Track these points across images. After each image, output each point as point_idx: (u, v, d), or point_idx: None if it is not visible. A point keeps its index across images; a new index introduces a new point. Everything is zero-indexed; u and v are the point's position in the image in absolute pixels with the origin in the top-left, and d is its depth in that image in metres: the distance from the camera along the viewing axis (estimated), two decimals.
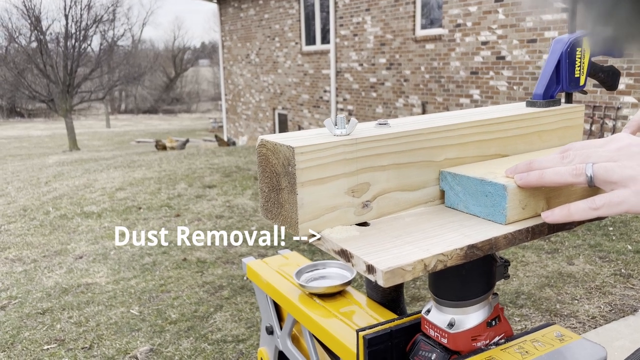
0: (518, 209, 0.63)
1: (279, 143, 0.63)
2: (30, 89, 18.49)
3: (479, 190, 0.66)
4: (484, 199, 0.65)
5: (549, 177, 0.60)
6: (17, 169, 8.45)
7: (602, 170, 0.56)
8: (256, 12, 12.61)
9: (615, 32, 0.30)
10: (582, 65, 0.85)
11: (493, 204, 0.64)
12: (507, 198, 0.62)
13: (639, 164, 0.54)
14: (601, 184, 0.56)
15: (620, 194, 0.54)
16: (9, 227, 4.65)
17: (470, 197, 0.67)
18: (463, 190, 0.68)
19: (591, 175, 0.56)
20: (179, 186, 5.87)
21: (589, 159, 0.58)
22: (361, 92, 9.40)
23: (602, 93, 5.61)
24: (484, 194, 0.65)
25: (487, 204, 0.65)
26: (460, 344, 0.72)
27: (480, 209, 0.66)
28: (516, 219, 0.63)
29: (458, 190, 0.69)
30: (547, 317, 2.69)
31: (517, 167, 0.64)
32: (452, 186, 0.70)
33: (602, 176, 0.56)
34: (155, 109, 39.44)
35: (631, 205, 0.54)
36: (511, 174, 0.64)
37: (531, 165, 0.62)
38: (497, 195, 0.63)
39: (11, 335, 2.71)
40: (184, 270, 3.48)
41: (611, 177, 0.55)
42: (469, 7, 6.96)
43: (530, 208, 0.65)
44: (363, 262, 0.56)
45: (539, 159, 0.63)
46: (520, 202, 0.63)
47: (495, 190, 0.63)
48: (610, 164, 0.56)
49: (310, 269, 1.23)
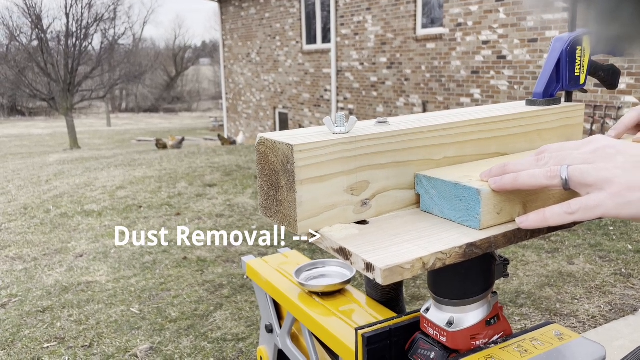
0: (493, 214, 0.61)
1: (278, 141, 0.63)
2: (31, 87, 18.50)
3: (454, 194, 0.64)
4: (459, 204, 0.63)
5: (523, 180, 0.58)
6: (17, 168, 8.45)
7: (577, 173, 0.54)
8: (257, 11, 12.60)
9: (616, 31, 0.30)
10: (582, 64, 0.85)
11: (467, 209, 0.62)
12: (481, 203, 0.60)
13: (615, 166, 0.53)
14: (577, 186, 0.55)
15: (596, 197, 0.53)
16: (10, 226, 4.65)
17: (445, 201, 0.65)
18: (438, 194, 0.66)
19: (566, 177, 0.55)
20: (180, 185, 5.87)
21: (564, 162, 0.56)
22: (362, 91, 9.40)
23: (602, 92, 5.60)
24: (458, 198, 0.63)
25: (462, 209, 0.63)
26: (459, 343, 0.72)
27: (455, 213, 0.64)
28: (491, 224, 0.62)
29: (433, 194, 0.67)
30: (547, 316, 2.68)
31: (491, 170, 0.62)
32: (428, 190, 0.68)
33: (577, 179, 0.54)
34: (156, 107, 39.44)
35: (607, 209, 0.52)
36: (485, 177, 0.62)
37: (505, 168, 0.61)
38: (471, 200, 0.61)
39: (11, 334, 2.71)
40: (184, 268, 3.48)
41: (586, 179, 0.53)
42: (469, 7, 6.95)
43: (506, 213, 0.63)
44: (362, 260, 0.56)
45: (513, 161, 0.61)
46: (495, 206, 0.61)
47: (469, 195, 0.61)
48: (586, 166, 0.54)
49: (309, 267, 1.23)
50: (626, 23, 0.29)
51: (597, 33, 0.32)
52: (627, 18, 0.29)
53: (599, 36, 0.32)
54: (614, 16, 0.29)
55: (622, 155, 0.53)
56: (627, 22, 0.29)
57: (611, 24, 0.29)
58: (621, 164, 0.52)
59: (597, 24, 0.30)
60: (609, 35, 0.31)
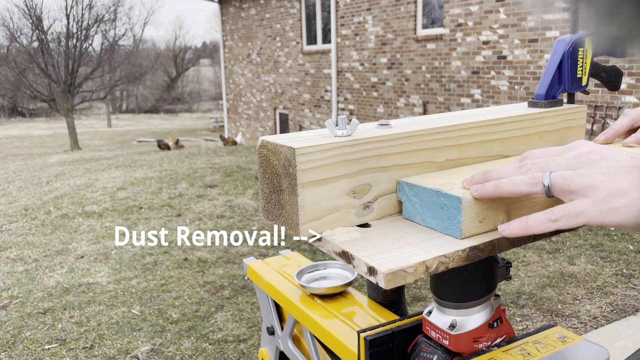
0: (475, 223, 0.60)
1: (280, 144, 0.62)
2: (32, 88, 18.50)
3: (435, 202, 0.62)
4: (440, 212, 0.61)
5: (505, 187, 0.56)
6: (18, 169, 8.45)
7: (560, 179, 0.53)
8: (257, 12, 12.61)
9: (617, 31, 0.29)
10: (585, 66, 0.85)
11: (449, 217, 0.60)
12: (463, 211, 0.58)
13: (599, 171, 0.51)
14: (559, 193, 0.53)
15: (579, 204, 0.51)
16: (10, 227, 4.65)
17: (427, 209, 0.63)
18: (420, 201, 0.64)
19: (548, 184, 0.53)
20: (180, 186, 5.87)
21: (547, 168, 0.55)
22: (362, 92, 9.40)
23: (603, 93, 5.60)
24: (439, 206, 0.61)
25: (443, 217, 0.61)
26: (461, 346, 0.72)
27: (437, 222, 0.62)
28: (473, 232, 0.60)
29: (415, 202, 0.65)
30: (549, 317, 2.68)
31: (473, 177, 0.61)
32: (409, 197, 0.66)
33: (560, 185, 0.53)
34: (157, 108, 39.45)
35: (591, 217, 0.51)
36: (467, 185, 0.61)
37: (487, 175, 0.59)
38: (452, 208, 0.59)
39: (12, 335, 2.71)
40: (185, 270, 3.48)
41: (569, 186, 0.52)
42: (470, 7, 6.95)
43: (489, 221, 0.61)
44: (364, 263, 0.56)
45: (495, 168, 0.60)
46: (477, 215, 0.60)
47: (450, 203, 0.60)
48: (569, 172, 0.53)
49: (311, 269, 1.23)
50: (626, 23, 0.29)
51: (597, 33, 0.31)
52: (627, 18, 0.28)
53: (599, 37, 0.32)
54: (614, 16, 0.29)
55: (606, 161, 0.52)
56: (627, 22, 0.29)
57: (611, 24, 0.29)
58: (605, 169, 0.51)
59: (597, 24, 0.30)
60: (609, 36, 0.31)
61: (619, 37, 0.30)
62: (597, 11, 0.30)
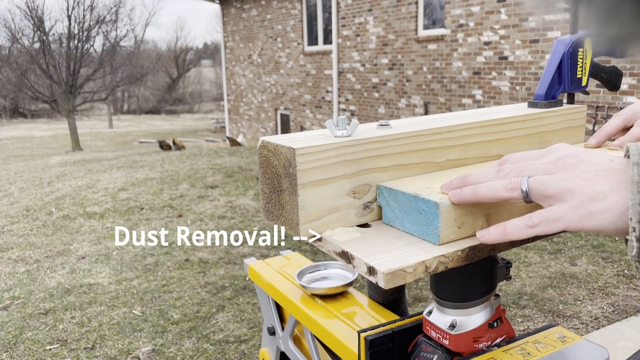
0: (453, 228, 0.59)
1: (280, 144, 0.63)
2: (33, 89, 18.53)
3: (413, 207, 0.61)
4: (418, 217, 0.60)
5: (483, 192, 0.55)
6: (20, 170, 8.47)
7: (538, 184, 0.52)
8: (258, 13, 12.62)
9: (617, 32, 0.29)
10: (585, 66, 0.85)
11: (426, 223, 0.59)
12: (440, 217, 0.57)
13: (577, 175, 0.50)
14: (538, 198, 0.52)
15: (557, 209, 0.50)
16: (12, 228, 4.66)
17: (405, 214, 0.62)
18: (398, 206, 0.63)
19: (526, 189, 0.52)
20: (182, 187, 5.87)
21: (525, 172, 0.54)
22: (363, 93, 9.40)
23: (604, 93, 5.59)
24: (417, 211, 0.60)
25: (421, 222, 0.60)
26: (461, 346, 0.72)
27: (415, 227, 0.61)
28: (451, 238, 0.59)
29: (394, 207, 0.64)
30: (550, 317, 2.68)
31: (451, 182, 0.60)
32: (389, 202, 0.65)
33: (537, 190, 0.52)
34: (158, 109, 39.49)
35: (570, 222, 0.50)
36: (446, 189, 0.60)
37: (466, 180, 0.58)
38: (430, 214, 0.58)
39: (14, 336, 2.71)
40: (186, 270, 3.48)
41: (547, 190, 0.51)
42: (471, 8, 6.95)
43: (468, 226, 0.60)
44: (364, 263, 0.56)
45: (474, 172, 0.59)
46: (455, 220, 0.58)
47: (428, 208, 0.59)
48: (547, 176, 0.52)
49: (311, 269, 1.23)
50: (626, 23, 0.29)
51: (597, 34, 0.31)
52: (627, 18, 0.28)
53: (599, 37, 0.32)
54: (613, 17, 0.29)
55: (584, 164, 0.51)
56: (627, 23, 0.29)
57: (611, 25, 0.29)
58: (583, 173, 0.50)
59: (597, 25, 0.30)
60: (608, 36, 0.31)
61: (619, 37, 0.30)
62: (597, 12, 0.30)
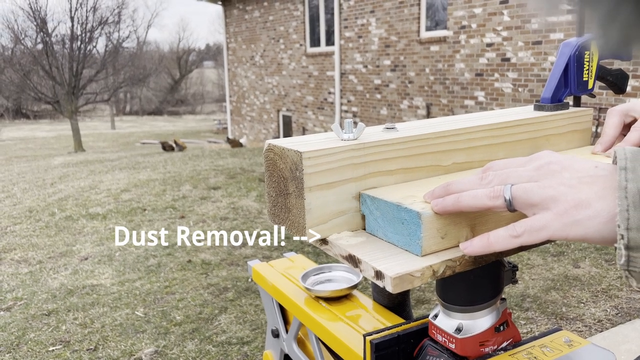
0: (436, 239, 0.57)
1: (287, 148, 0.63)
2: (36, 90, 18.58)
3: (396, 216, 0.59)
4: (401, 227, 0.58)
5: (466, 201, 0.54)
6: (22, 170, 8.48)
7: (521, 192, 0.50)
8: (261, 14, 12.63)
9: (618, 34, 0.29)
10: (591, 69, 0.85)
11: (409, 233, 0.57)
12: (422, 227, 0.55)
13: (560, 182, 0.49)
14: (522, 207, 0.51)
15: (541, 217, 0.49)
16: (15, 228, 4.67)
17: (388, 224, 0.60)
18: (382, 215, 0.61)
19: (510, 198, 0.51)
20: (184, 188, 5.88)
21: (508, 180, 0.52)
22: (365, 94, 9.40)
23: (607, 95, 5.59)
24: (400, 221, 0.58)
25: (404, 233, 0.58)
26: (468, 349, 0.72)
27: (398, 237, 0.59)
28: (434, 249, 0.57)
29: (377, 215, 0.62)
30: (553, 320, 2.67)
31: (434, 191, 0.58)
32: (372, 210, 0.63)
33: (521, 198, 0.50)
34: (160, 110, 39.55)
35: (554, 231, 0.48)
36: (429, 198, 0.58)
37: (448, 188, 0.56)
38: (412, 224, 0.56)
39: (17, 337, 2.72)
40: (188, 272, 3.48)
41: (531, 198, 0.50)
42: (473, 9, 6.95)
43: (452, 237, 0.58)
44: (371, 267, 0.56)
45: (456, 180, 0.57)
46: (438, 230, 0.56)
47: (410, 218, 0.56)
48: (530, 184, 0.50)
49: (316, 272, 1.23)
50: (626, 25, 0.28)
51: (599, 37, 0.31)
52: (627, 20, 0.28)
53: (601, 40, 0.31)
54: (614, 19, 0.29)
55: (568, 171, 0.50)
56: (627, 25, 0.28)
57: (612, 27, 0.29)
58: (567, 180, 0.49)
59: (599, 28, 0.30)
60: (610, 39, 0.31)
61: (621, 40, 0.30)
62: (597, 14, 0.29)
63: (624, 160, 0.46)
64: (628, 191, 0.44)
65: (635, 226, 0.44)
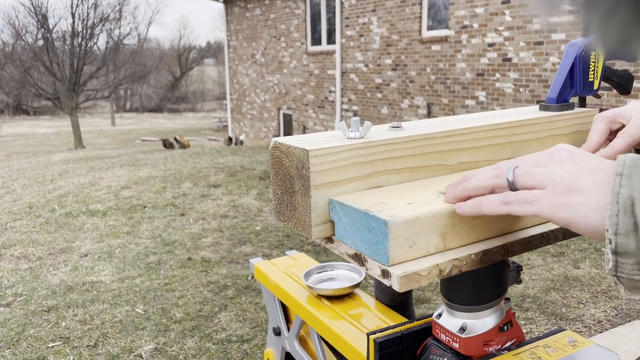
0: (404, 248, 0.55)
1: (293, 146, 0.62)
2: (37, 86, 18.58)
3: (364, 224, 0.57)
4: (369, 235, 0.56)
5: (472, 184, 0.56)
6: (22, 167, 8.48)
7: (523, 173, 0.52)
8: (262, 12, 12.62)
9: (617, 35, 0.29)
10: (596, 69, 0.85)
11: (376, 241, 0.55)
12: (389, 235, 0.54)
13: (564, 168, 0.51)
14: (522, 187, 0.52)
15: (535, 192, 0.50)
16: (15, 225, 4.67)
17: (356, 231, 0.58)
18: (350, 222, 0.59)
19: (512, 179, 0.53)
20: (184, 185, 5.88)
21: (517, 164, 0.55)
22: (366, 93, 9.40)
23: (608, 95, 5.58)
24: (368, 228, 0.56)
25: (371, 241, 0.56)
26: (471, 349, 0.72)
27: (365, 245, 0.57)
28: (402, 259, 0.55)
29: (346, 222, 0.60)
30: (553, 320, 2.68)
31: (453, 182, 0.60)
32: (341, 217, 0.61)
33: (522, 179, 0.52)
34: (161, 107, 39.55)
35: (542, 207, 0.50)
36: (446, 189, 0.60)
37: (464, 178, 0.59)
38: (379, 232, 0.55)
39: (16, 333, 2.72)
40: (188, 269, 3.48)
41: (532, 178, 0.51)
42: (475, 9, 6.94)
43: (421, 246, 0.57)
44: (378, 266, 0.56)
45: (472, 171, 0.60)
46: (406, 240, 0.55)
47: (377, 226, 0.55)
48: (534, 167, 0.52)
49: (318, 270, 1.23)
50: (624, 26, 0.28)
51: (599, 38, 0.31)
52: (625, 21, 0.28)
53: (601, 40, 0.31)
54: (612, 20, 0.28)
55: (573, 161, 0.51)
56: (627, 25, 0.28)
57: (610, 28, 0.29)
58: (570, 167, 0.51)
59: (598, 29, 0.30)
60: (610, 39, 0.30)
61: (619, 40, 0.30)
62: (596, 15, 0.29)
63: (622, 166, 0.46)
64: (620, 196, 0.45)
65: (624, 231, 0.44)
